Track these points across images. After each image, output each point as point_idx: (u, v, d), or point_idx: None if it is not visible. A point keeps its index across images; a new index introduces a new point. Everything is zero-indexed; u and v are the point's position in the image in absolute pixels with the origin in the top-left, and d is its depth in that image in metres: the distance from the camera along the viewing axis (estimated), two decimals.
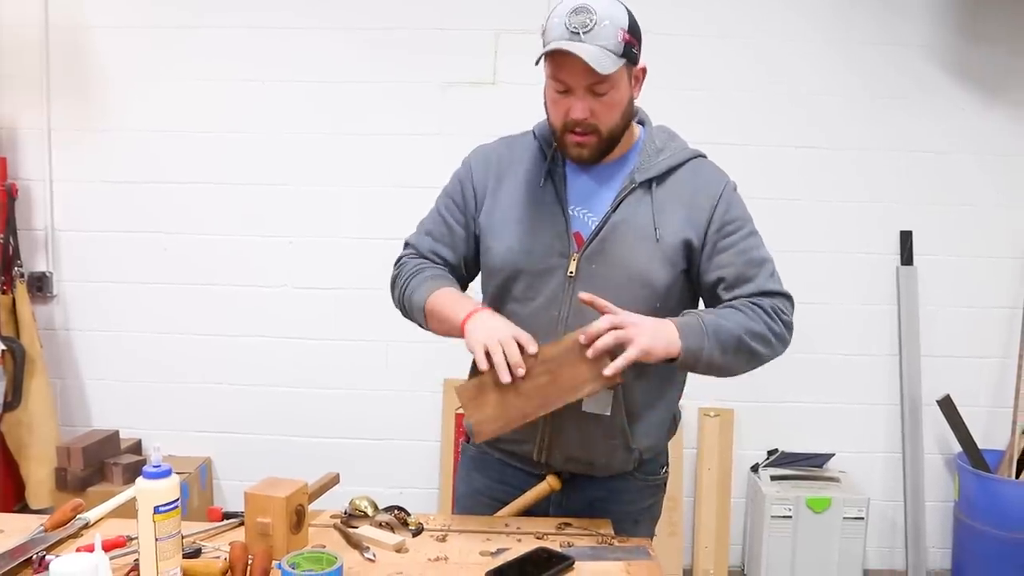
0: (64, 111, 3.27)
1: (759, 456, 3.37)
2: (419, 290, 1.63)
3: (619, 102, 1.52)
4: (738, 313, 1.54)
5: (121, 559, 1.39)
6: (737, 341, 1.50)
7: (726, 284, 1.58)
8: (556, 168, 1.61)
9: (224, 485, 3.42)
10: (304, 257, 3.32)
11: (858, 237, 3.29)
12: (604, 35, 1.43)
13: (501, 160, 1.67)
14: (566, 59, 1.44)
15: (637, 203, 1.57)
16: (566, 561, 1.41)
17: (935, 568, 3.43)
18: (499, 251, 1.61)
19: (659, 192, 1.57)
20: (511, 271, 1.60)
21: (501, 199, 1.63)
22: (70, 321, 3.37)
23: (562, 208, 1.58)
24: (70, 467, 3.07)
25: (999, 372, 3.33)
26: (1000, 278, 3.30)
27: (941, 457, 3.40)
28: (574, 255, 1.56)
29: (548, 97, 1.55)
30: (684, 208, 1.57)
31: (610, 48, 1.43)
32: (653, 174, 1.58)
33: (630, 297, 1.54)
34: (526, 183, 1.62)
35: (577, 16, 1.42)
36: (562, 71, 1.47)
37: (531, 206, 1.60)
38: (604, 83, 1.46)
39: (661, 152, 1.60)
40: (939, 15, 3.19)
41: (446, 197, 1.73)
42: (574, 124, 1.51)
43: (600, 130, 1.52)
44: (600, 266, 1.55)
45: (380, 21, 3.21)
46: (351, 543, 1.49)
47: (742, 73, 3.22)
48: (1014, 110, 3.23)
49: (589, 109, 1.48)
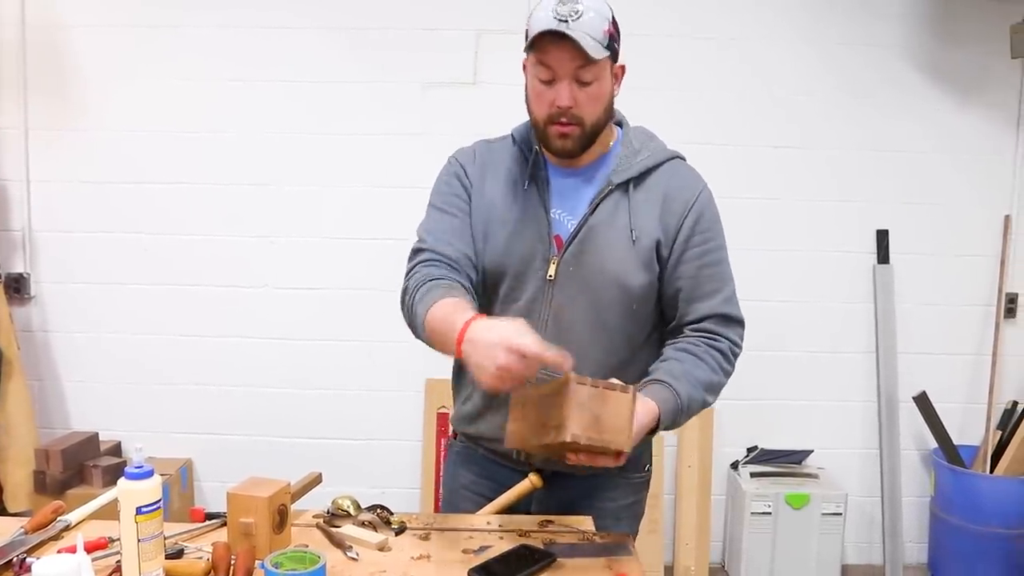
0: (42, 110, 3.24)
1: (739, 453, 3.41)
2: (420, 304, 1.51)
3: (602, 95, 1.52)
4: (700, 365, 1.54)
5: (103, 560, 1.39)
6: (702, 404, 1.54)
7: (683, 297, 1.59)
8: (539, 171, 1.61)
9: (205, 486, 3.40)
10: (286, 257, 3.31)
11: (835, 236, 3.33)
12: (591, 25, 1.45)
13: (484, 160, 1.67)
14: (553, 45, 1.45)
15: (615, 205, 1.57)
16: (548, 558, 1.42)
17: (912, 563, 3.47)
18: (486, 251, 1.61)
19: (636, 194, 1.58)
20: (496, 272, 1.60)
21: (485, 199, 1.63)
22: (48, 322, 3.35)
23: (545, 211, 1.59)
24: (49, 470, 3.05)
25: (974, 369, 3.38)
26: (974, 276, 3.35)
27: (917, 453, 3.45)
28: (554, 258, 1.57)
29: (531, 91, 1.55)
30: (658, 209, 1.58)
31: (596, 37, 1.45)
32: (630, 175, 1.59)
33: (607, 300, 1.56)
34: (509, 185, 1.62)
35: (564, 5, 1.44)
36: (549, 56, 1.47)
37: (515, 208, 1.60)
38: (590, 71, 1.48)
39: (639, 153, 1.61)
40: (913, 17, 3.24)
41: (442, 195, 1.65)
42: (559, 114, 1.50)
43: (584, 121, 1.52)
44: (578, 269, 1.56)
45: (361, 21, 3.21)
46: (334, 542, 1.49)
47: (721, 73, 3.25)
48: (987, 110, 3.28)
49: (574, 97, 1.49)
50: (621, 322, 1.59)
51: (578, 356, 1.55)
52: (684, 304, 1.59)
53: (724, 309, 1.59)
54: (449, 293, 1.48)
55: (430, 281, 1.53)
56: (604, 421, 1.31)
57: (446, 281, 1.53)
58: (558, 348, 1.32)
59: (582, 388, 1.30)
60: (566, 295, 1.57)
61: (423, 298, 1.50)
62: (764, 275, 3.29)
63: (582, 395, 1.30)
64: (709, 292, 1.58)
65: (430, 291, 1.50)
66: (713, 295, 1.58)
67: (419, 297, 1.51)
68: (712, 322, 1.58)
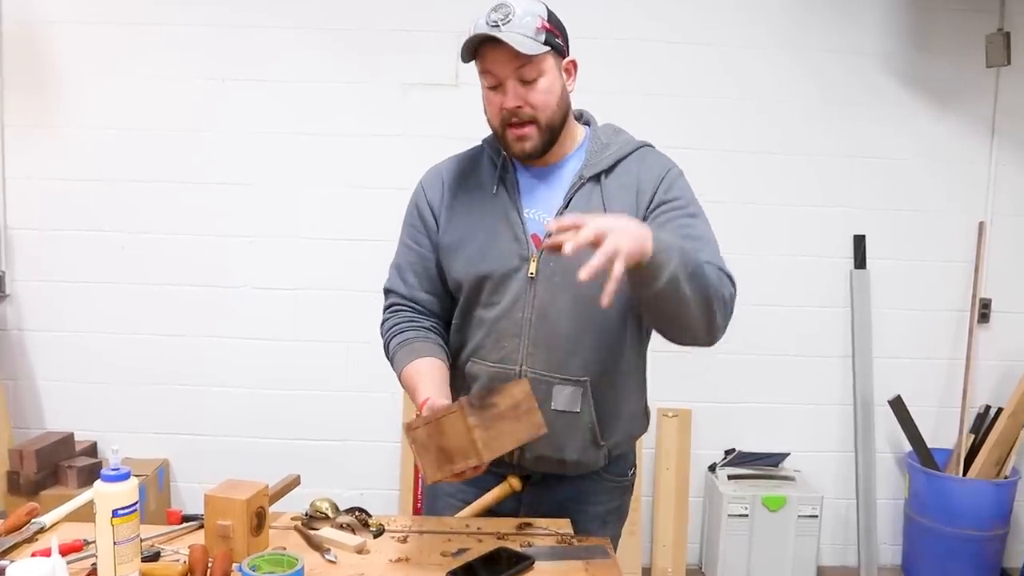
0: (17, 107, 3.21)
1: (716, 456, 3.43)
2: (395, 361, 1.66)
3: (551, 90, 1.54)
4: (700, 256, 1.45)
5: (78, 563, 1.38)
6: (699, 268, 1.41)
7: None
8: (507, 175, 1.63)
9: (182, 487, 3.38)
10: (264, 257, 3.29)
11: (813, 241, 3.36)
12: (523, 25, 1.49)
13: (451, 177, 1.70)
14: (490, 50, 1.50)
15: (588, 196, 1.59)
16: (526, 561, 1.43)
17: (886, 564, 3.51)
18: (459, 267, 1.64)
19: (608, 183, 1.60)
20: (474, 280, 1.62)
21: (457, 214, 1.66)
22: (23, 321, 3.31)
23: (517, 212, 1.60)
24: (23, 470, 3.01)
25: (947, 373, 3.42)
26: (948, 282, 3.39)
27: (892, 456, 3.49)
28: (533, 256, 1.58)
29: (484, 100, 1.59)
30: (631, 194, 1.59)
31: (529, 35, 1.49)
32: (601, 168, 1.60)
33: (589, 291, 1.56)
34: (479, 193, 1.65)
35: (496, 12, 1.50)
36: (488, 62, 1.53)
37: (487, 215, 1.62)
38: (530, 69, 1.51)
39: (608, 147, 1.63)
40: (891, 26, 3.28)
41: (408, 226, 1.73)
42: (510, 116, 1.54)
43: (538, 119, 1.54)
44: (558, 263, 1.56)
45: (342, 21, 3.21)
46: (312, 545, 1.49)
47: (703, 79, 3.27)
48: (963, 118, 3.32)
49: (521, 97, 1.52)
50: (606, 314, 1.58)
51: (566, 352, 1.58)
52: None
53: (711, 260, 1.49)
54: (414, 353, 1.61)
55: (399, 335, 1.66)
56: (449, 449, 1.37)
57: (411, 332, 1.66)
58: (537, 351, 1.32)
59: (419, 431, 1.39)
60: (549, 292, 1.58)
61: (395, 355, 1.65)
62: (742, 279, 3.27)
63: (422, 437, 1.39)
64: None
65: (400, 347, 1.64)
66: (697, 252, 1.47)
67: (392, 352, 1.67)
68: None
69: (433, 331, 1.69)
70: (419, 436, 1.39)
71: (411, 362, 1.60)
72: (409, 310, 1.70)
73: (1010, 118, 3.31)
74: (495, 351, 1.61)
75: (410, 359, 1.61)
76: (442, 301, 1.71)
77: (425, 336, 1.66)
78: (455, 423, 1.36)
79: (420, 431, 1.39)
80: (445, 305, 1.72)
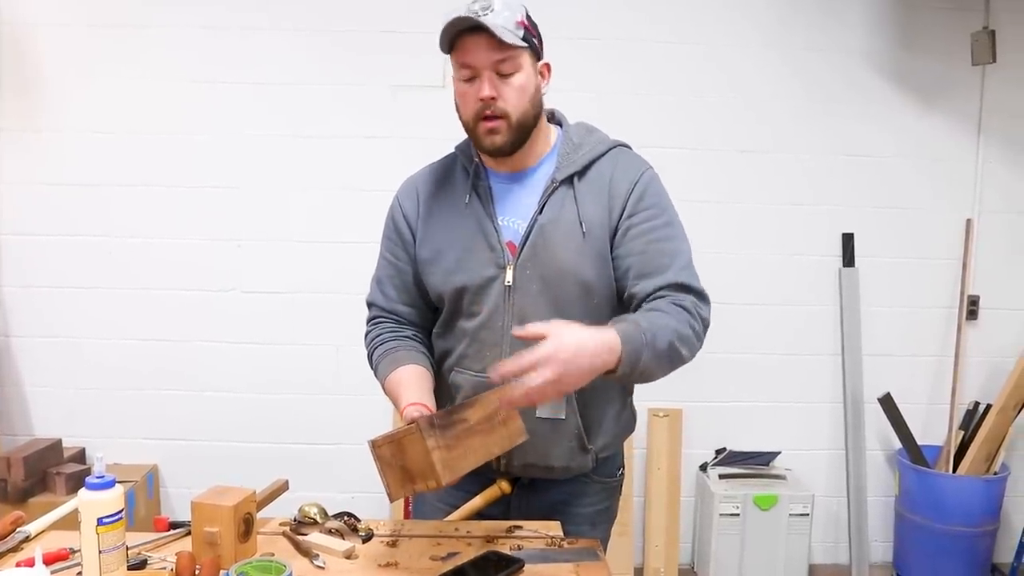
0: (3, 110, 3.19)
1: (707, 455, 3.43)
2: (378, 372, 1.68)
3: (526, 88, 1.53)
4: (665, 316, 1.45)
5: (64, 572, 1.37)
6: (670, 348, 1.43)
7: (635, 273, 1.53)
8: (480, 182, 1.63)
9: (172, 492, 3.36)
10: (253, 261, 3.28)
11: (801, 239, 3.37)
12: (502, 17, 1.48)
13: (426, 188, 1.69)
14: (470, 39, 1.50)
15: (561, 201, 1.58)
16: (515, 564, 1.42)
17: (877, 561, 3.52)
18: (437, 279, 1.63)
19: (581, 186, 1.59)
20: (453, 292, 1.62)
21: (432, 225, 1.65)
22: (10, 327, 3.29)
23: (491, 220, 1.59)
24: (11, 477, 2.99)
25: (936, 370, 3.44)
26: (937, 279, 3.40)
27: (882, 453, 3.50)
28: (509, 264, 1.58)
29: (457, 95, 1.58)
30: (604, 197, 1.58)
31: (510, 28, 1.49)
32: (573, 170, 1.59)
33: (567, 296, 1.56)
34: (453, 203, 1.64)
35: (476, 3, 1.49)
36: (467, 53, 1.51)
37: (461, 225, 1.61)
38: (509, 63, 1.50)
39: (580, 148, 1.62)
40: (877, 24, 3.29)
41: (386, 239, 1.73)
42: (484, 107, 1.52)
43: (509, 114, 1.52)
44: (535, 270, 1.56)
45: (330, 23, 3.20)
46: (300, 551, 1.48)
47: (691, 77, 3.28)
48: (949, 116, 3.34)
49: (497, 88, 1.51)
50: (585, 319, 1.57)
51: None
52: (636, 281, 1.53)
53: (679, 279, 1.51)
54: (396, 362, 1.62)
55: (380, 346, 1.68)
56: (411, 468, 1.36)
57: (393, 341, 1.68)
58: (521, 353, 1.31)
59: (383, 448, 1.38)
60: (527, 299, 1.57)
61: (378, 366, 1.67)
62: (731, 278, 3.32)
63: (386, 455, 1.38)
64: (661, 266, 1.52)
65: (382, 357, 1.66)
66: (665, 269, 1.52)
67: (375, 363, 1.69)
68: (668, 290, 1.51)
69: (415, 339, 1.70)
70: (383, 454, 1.38)
71: (393, 371, 1.60)
72: (390, 321, 1.72)
73: (996, 116, 3.33)
74: (478, 360, 1.61)
75: (392, 368, 1.61)
76: (422, 312, 1.72)
77: (408, 345, 1.67)
78: (415, 443, 1.34)
79: (384, 448, 1.38)
80: (426, 316, 1.72)
